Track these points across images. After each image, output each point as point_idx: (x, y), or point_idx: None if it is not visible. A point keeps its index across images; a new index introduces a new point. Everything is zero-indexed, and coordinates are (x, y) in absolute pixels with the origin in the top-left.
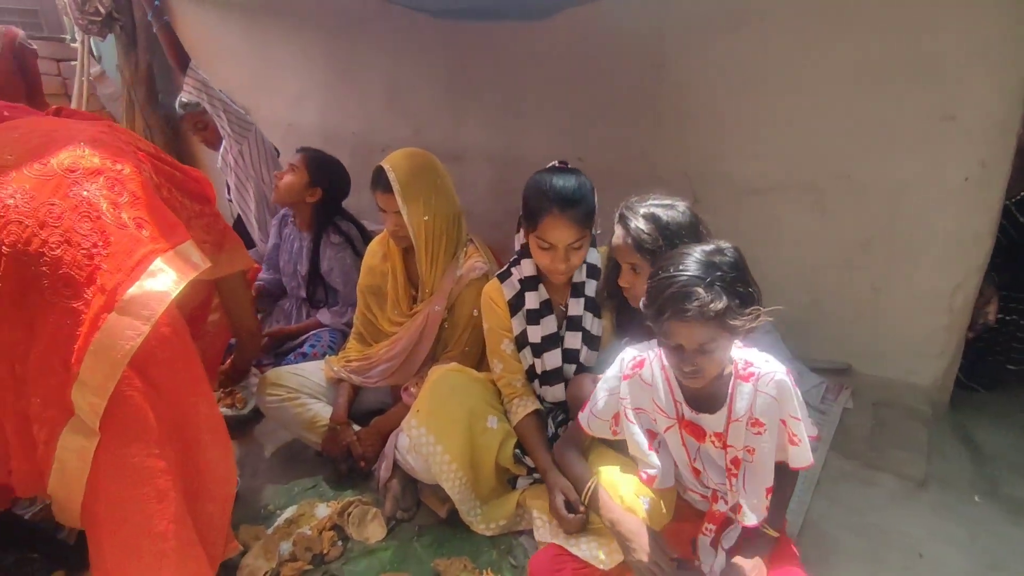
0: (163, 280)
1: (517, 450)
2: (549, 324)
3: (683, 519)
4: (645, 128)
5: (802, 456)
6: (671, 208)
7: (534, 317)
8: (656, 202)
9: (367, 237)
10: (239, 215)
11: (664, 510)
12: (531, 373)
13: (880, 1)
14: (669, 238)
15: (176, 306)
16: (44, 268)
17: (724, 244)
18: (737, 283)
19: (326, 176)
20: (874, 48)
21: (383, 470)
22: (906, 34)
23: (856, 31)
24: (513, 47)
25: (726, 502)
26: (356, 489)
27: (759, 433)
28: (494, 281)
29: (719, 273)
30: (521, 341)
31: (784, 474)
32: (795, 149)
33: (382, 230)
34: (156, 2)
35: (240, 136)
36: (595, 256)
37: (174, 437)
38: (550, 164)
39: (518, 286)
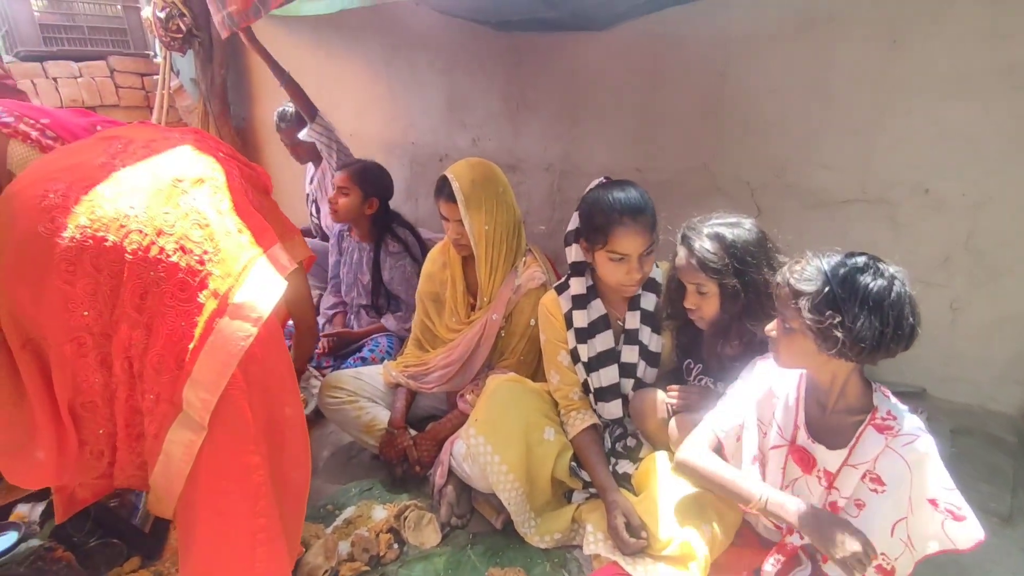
0: (266, 284)
1: (573, 463)
2: (606, 339)
3: (744, 545)
4: (706, 138)
5: (968, 532)
6: (736, 226)
7: (584, 335)
8: (720, 220)
9: (421, 244)
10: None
11: (721, 535)
12: (585, 388)
13: (964, 5)
14: (736, 256)
15: None
16: (162, 273)
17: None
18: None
19: (376, 185)
20: (958, 54)
21: (438, 476)
22: (993, 39)
23: (937, 36)
24: (571, 57)
25: (801, 537)
26: (411, 493)
27: (875, 491)
28: (551, 293)
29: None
30: (575, 356)
31: None
32: (866, 160)
33: (439, 238)
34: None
35: None
36: (655, 271)
37: (265, 435)
38: (596, 181)
39: (573, 302)
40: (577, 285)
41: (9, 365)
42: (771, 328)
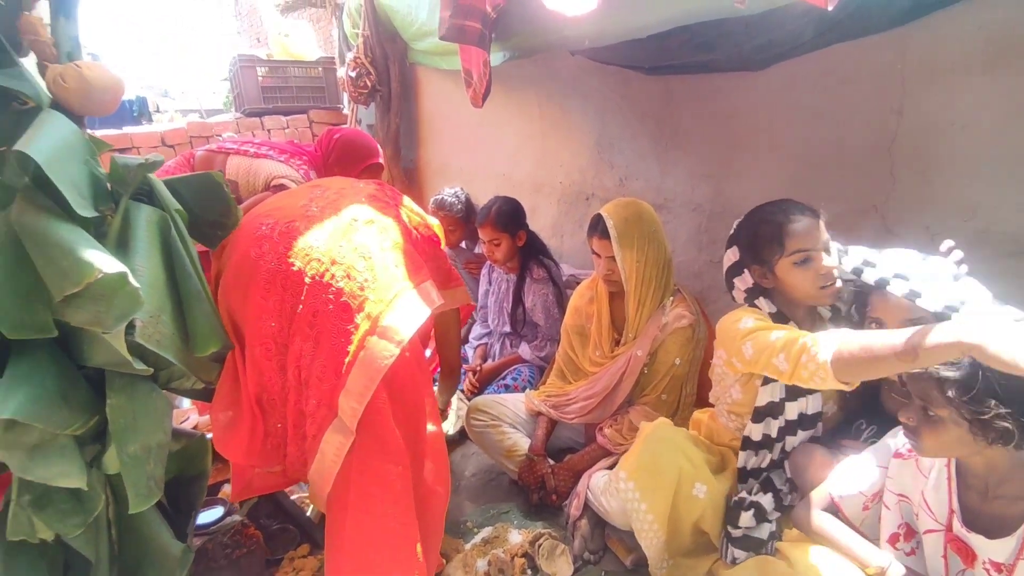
0: (411, 312)
1: (728, 534)
2: None
3: None
4: (877, 178)
5: None
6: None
7: None
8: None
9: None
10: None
11: None
12: (768, 413)
13: None
14: None
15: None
16: (331, 295)
17: None
18: None
19: (515, 219)
20: None
21: (573, 508)
22: None
23: None
24: (725, 97)
25: None
26: (545, 522)
27: None
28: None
29: None
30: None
31: None
32: None
33: (583, 274)
34: None
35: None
36: None
37: (408, 448)
38: (737, 220)
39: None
40: (766, 305)
41: (232, 357)
42: (908, 416)
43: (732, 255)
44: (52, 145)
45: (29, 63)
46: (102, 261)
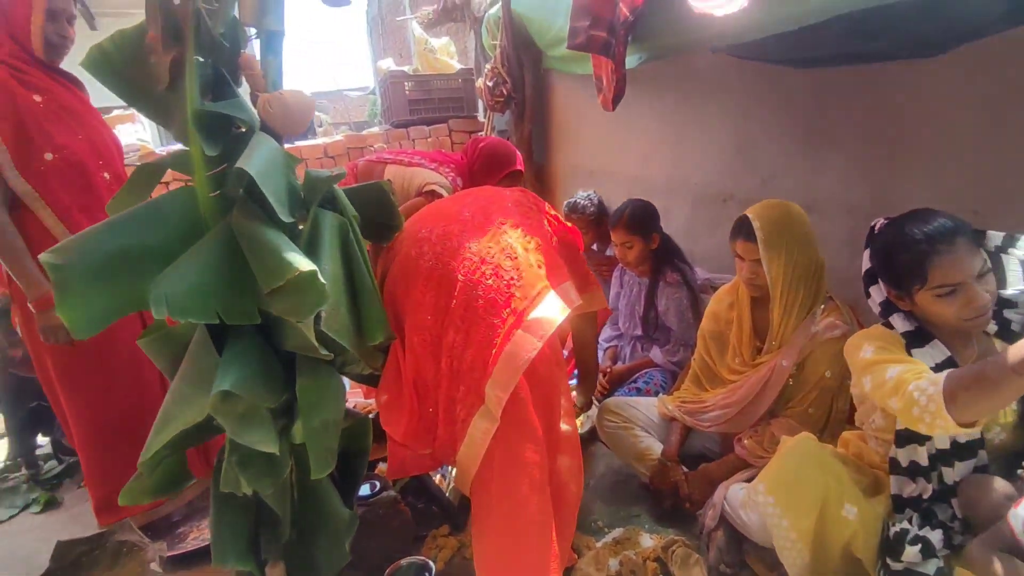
0: (552, 309)
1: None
2: None
3: None
4: None
5: None
6: None
7: None
8: None
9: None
10: None
11: None
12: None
13: None
14: None
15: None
16: (480, 292)
17: None
18: None
19: (648, 222)
20: None
21: (708, 518)
22: None
23: None
24: (887, 88)
25: None
26: (677, 529)
27: None
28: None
29: None
30: None
31: None
32: None
33: (718, 278)
34: None
35: None
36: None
37: (545, 440)
38: (875, 222)
39: (903, 341)
40: (901, 323)
41: (395, 346)
42: None
43: (868, 260)
44: (262, 162)
45: (242, 92)
46: (299, 261)
